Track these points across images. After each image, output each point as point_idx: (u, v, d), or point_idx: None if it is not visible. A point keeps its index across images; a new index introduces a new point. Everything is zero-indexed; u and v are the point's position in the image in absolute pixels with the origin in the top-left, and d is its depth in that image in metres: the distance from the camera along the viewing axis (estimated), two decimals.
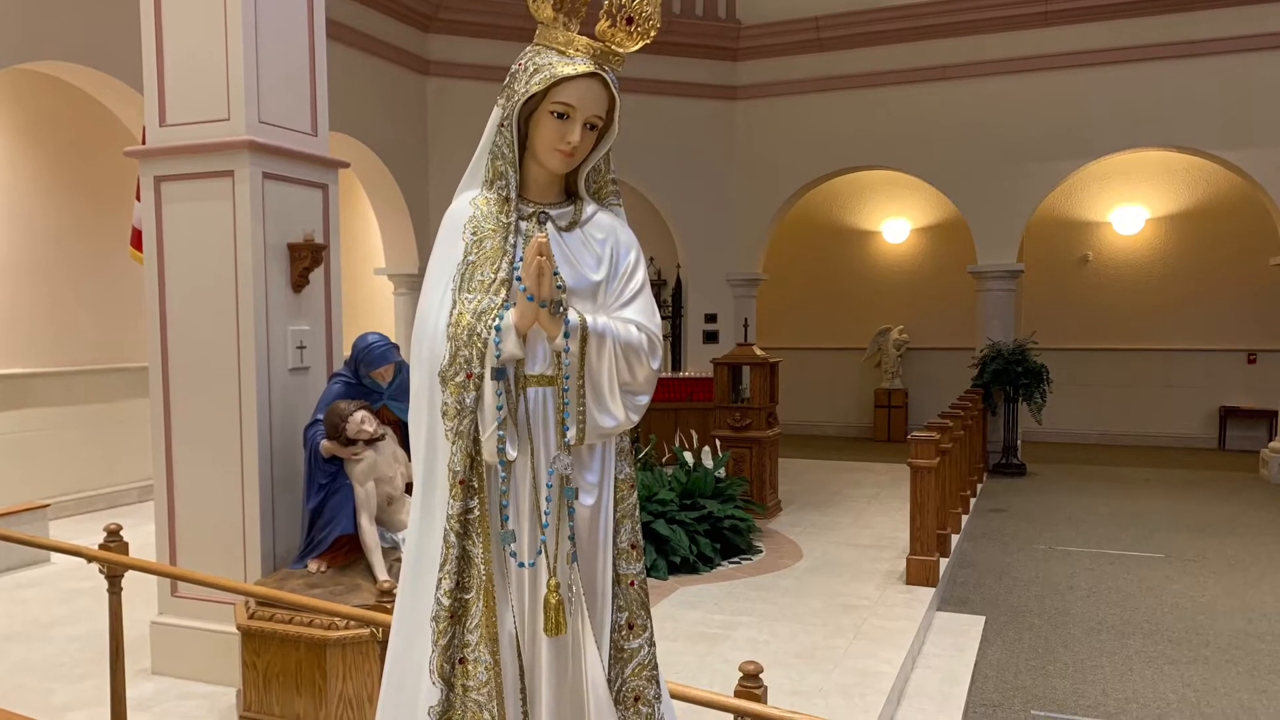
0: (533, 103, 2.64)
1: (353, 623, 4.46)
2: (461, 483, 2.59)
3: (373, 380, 5.18)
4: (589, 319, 2.60)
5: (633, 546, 2.77)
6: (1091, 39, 13.51)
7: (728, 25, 15.14)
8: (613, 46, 2.64)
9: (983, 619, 7.31)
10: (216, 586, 4.35)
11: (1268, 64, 12.75)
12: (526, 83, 2.61)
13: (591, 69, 2.60)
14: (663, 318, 14.89)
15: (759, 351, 10.22)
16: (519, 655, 2.62)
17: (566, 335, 2.56)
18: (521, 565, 2.60)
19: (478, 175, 2.78)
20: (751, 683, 2.90)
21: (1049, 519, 10.86)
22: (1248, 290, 15.96)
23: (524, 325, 2.56)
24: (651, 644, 2.80)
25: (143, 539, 6.40)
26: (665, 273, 17.19)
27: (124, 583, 4.33)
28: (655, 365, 2.70)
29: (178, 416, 5.39)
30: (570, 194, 2.84)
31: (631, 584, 2.76)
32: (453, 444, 2.59)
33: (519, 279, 2.57)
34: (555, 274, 2.56)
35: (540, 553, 2.60)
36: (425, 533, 2.68)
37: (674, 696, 2.99)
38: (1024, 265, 14.60)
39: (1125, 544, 9.64)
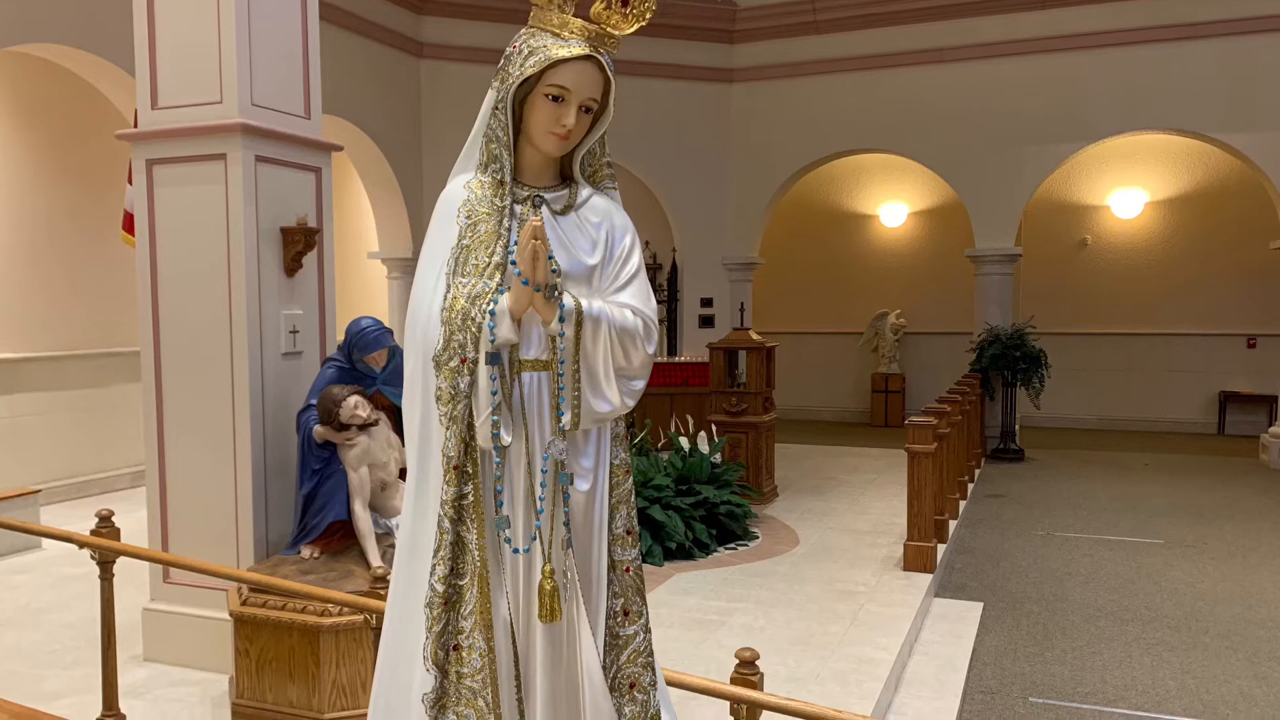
0: (527, 85, 2.62)
1: (346, 609, 4.45)
2: (456, 468, 2.57)
3: (366, 365, 5.15)
4: (584, 303, 2.59)
5: (628, 532, 2.76)
6: (1090, 21, 13.45)
7: (724, 7, 15.07)
8: (608, 29, 2.62)
9: (980, 605, 7.29)
10: (209, 573, 4.32)
11: (1268, 46, 12.70)
12: (521, 65, 2.59)
13: (587, 51, 2.58)
14: (658, 302, 14.83)
15: (755, 336, 10.18)
16: (514, 642, 2.62)
17: (561, 320, 2.55)
18: (516, 551, 2.60)
19: (472, 158, 2.76)
20: (747, 670, 2.88)
21: (1047, 505, 10.84)
22: (1247, 274, 15.93)
23: (519, 309, 2.55)
24: (647, 630, 2.79)
25: (135, 525, 6.35)
26: (661, 257, 17.13)
27: (116, 569, 4.31)
28: (651, 350, 2.68)
29: (170, 401, 5.36)
30: (565, 177, 2.83)
31: (627, 570, 2.75)
32: (447, 429, 2.57)
33: (513, 263, 2.55)
34: (550, 258, 2.54)
35: (535, 538, 2.59)
36: (419, 518, 2.67)
37: (669, 684, 2.97)
38: (1022, 249, 14.56)
39: (1124, 530, 9.62)
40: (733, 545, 8.15)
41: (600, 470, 2.70)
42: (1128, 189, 16.65)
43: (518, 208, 2.70)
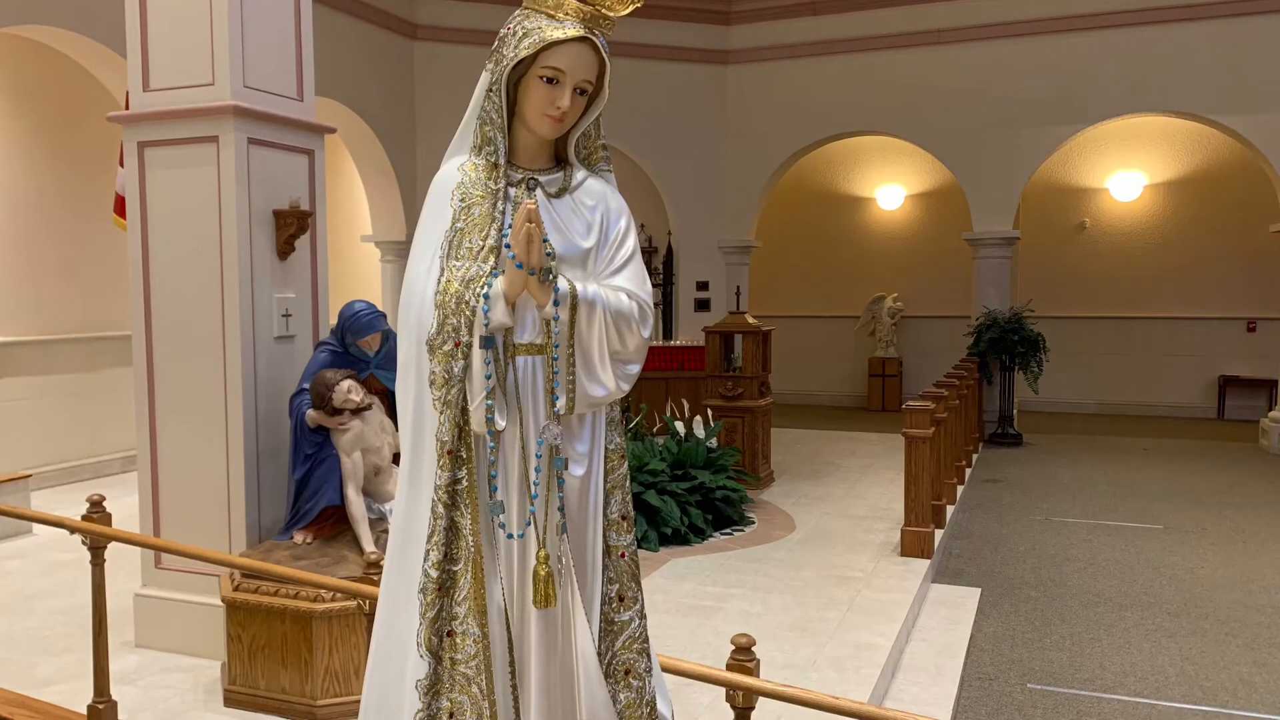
0: (522, 67, 2.60)
1: (339, 595, 4.41)
2: (449, 453, 2.57)
3: (359, 349, 5.12)
4: (579, 287, 2.57)
5: (623, 518, 2.75)
6: (1088, 2, 13.41)
7: None
8: (603, 10, 2.60)
9: (978, 591, 7.27)
10: (201, 558, 4.28)
11: (1267, 28, 12.66)
12: (515, 47, 2.58)
13: (581, 33, 2.56)
14: (653, 285, 14.72)
15: (751, 319, 10.14)
16: (508, 628, 2.61)
17: (556, 303, 2.54)
18: (510, 537, 2.59)
19: (466, 141, 2.75)
20: (743, 656, 2.84)
21: (1045, 490, 10.83)
22: (1247, 257, 15.90)
23: (513, 293, 2.54)
24: (642, 616, 2.78)
25: (126, 510, 6.34)
26: (656, 240, 17.08)
27: (107, 554, 4.26)
28: (646, 333, 2.67)
29: (161, 386, 5.32)
30: (560, 160, 2.81)
31: (622, 555, 2.74)
32: (440, 413, 2.57)
33: (508, 246, 2.55)
34: (545, 241, 2.53)
35: (529, 524, 2.58)
36: (413, 504, 2.66)
37: (665, 670, 2.95)
38: (1020, 232, 14.53)
39: (1123, 515, 9.60)
40: (729, 530, 8.12)
41: (595, 455, 2.69)
42: (1126, 172, 16.61)
43: (512, 190, 2.69)
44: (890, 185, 17.99)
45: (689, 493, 7.97)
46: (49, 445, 10.22)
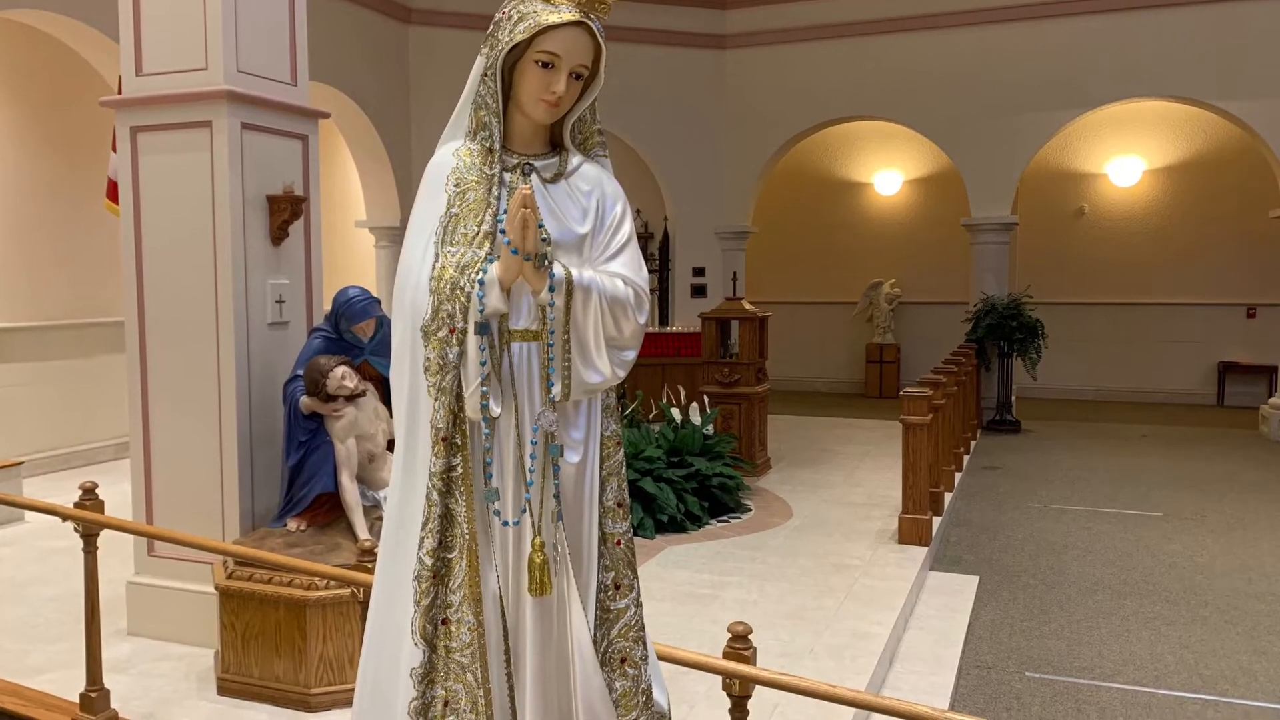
0: (517, 52, 2.59)
1: (333, 583, 4.41)
2: (444, 440, 2.55)
3: (354, 335, 5.10)
4: (574, 272, 2.56)
5: (619, 505, 2.73)
6: None
7: None
8: None
9: (976, 579, 7.25)
10: (194, 546, 4.28)
11: (1267, 13, 12.62)
12: (510, 31, 2.56)
13: (577, 17, 2.54)
14: (649, 271, 14.75)
15: (748, 306, 10.12)
16: (503, 616, 2.59)
17: (551, 289, 2.52)
18: (506, 524, 2.57)
19: (461, 126, 2.74)
20: (740, 644, 2.84)
21: (1044, 477, 10.80)
22: (1247, 243, 15.84)
23: (508, 279, 2.52)
24: (638, 604, 2.76)
25: (119, 497, 6.27)
26: (652, 225, 17.05)
27: (100, 542, 4.26)
28: (642, 320, 2.65)
29: (154, 372, 5.29)
30: (555, 145, 2.79)
31: (618, 543, 2.72)
32: (435, 400, 2.56)
33: (503, 232, 2.53)
34: (540, 226, 2.52)
35: (525, 511, 2.56)
36: (407, 491, 2.65)
37: (661, 658, 2.95)
38: (1018, 218, 14.51)
39: (1122, 502, 9.58)
40: (725, 518, 8.11)
41: (591, 442, 2.67)
42: (1125, 157, 16.55)
43: (507, 176, 2.67)
44: (888, 170, 17.95)
45: (685, 480, 7.95)
46: (41, 432, 10.19)
